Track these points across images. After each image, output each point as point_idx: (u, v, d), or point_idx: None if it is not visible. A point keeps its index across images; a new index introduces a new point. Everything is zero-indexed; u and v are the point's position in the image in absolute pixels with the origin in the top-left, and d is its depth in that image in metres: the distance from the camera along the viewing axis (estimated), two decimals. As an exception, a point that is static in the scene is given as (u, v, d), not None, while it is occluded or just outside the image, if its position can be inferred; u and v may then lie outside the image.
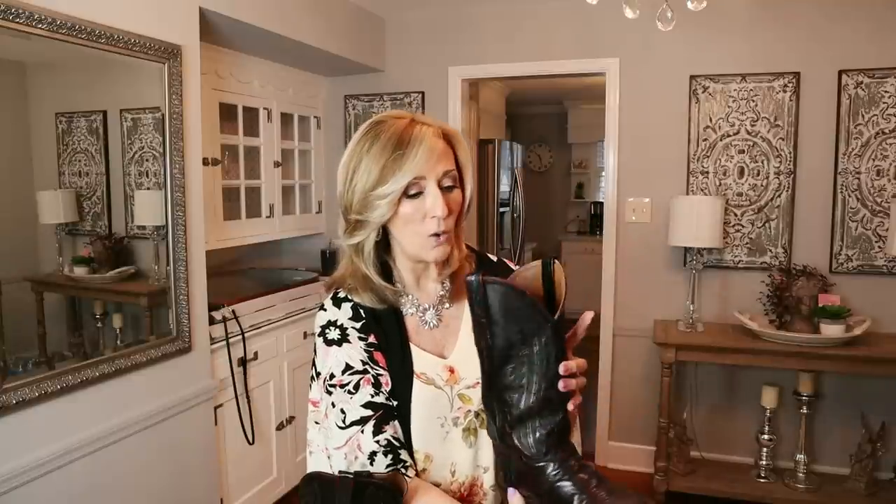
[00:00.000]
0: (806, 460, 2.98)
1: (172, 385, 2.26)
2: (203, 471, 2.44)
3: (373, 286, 1.05)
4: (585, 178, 7.35)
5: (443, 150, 1.01)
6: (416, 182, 0.98)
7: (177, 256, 2.26)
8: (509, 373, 0.84)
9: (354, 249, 1.05)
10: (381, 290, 1.05)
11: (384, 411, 0.99)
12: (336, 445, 0.99)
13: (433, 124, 1.03)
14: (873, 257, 3.02)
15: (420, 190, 0.99)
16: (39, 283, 1.99)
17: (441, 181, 1.00)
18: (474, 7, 3.48)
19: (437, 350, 1.07)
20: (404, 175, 0.97)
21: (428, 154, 0.98)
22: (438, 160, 0.99)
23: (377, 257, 1.05)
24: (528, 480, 0.84)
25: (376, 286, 1.05)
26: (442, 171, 1.00)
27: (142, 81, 2.15)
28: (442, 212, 0.98)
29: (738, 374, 3.26)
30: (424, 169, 0.98)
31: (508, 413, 0.85)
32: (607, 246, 3.43)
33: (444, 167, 1.00)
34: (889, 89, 2.94)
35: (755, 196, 3.17)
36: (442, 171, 1.00)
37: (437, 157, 0.99)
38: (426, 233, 1.00)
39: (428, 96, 3.65)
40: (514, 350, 0.82)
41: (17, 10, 1.66)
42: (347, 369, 1.01)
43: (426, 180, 0.99)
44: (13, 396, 1.69)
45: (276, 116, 3.36)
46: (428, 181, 0.99)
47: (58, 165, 1.99)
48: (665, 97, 3.26)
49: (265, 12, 2.65)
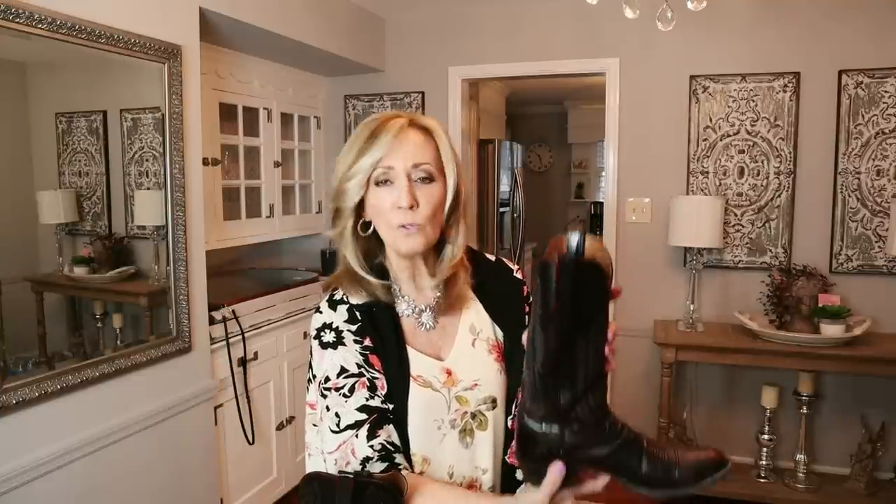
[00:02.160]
0: (806, 460, 2.97)
1: (172, 385, 2.26)
2: (203, 471, 2.44)
3: (359, 279, 1.05)
4: (585, 178, 7.35)
5: (419, 142, 1.02)
6: (385, 169, 1.00)
7: (177, 256, 2.26)
8: (579, 351, 0.84)
9: (340, 241, 1.07)
10: (368, 285, 1.05)
11: (379, 415, 0.98)
12: (329, 450, 0.98)
13: (417, 119, 1.05)
14: (873, 257, 3.02)
15: (388, 178, 1.01)
16: (39, 283, 1.99)
17: (411, 173, 1.00)
18: (474, 7, 3.48)
19: (433, 352, 1.07)
20: (369, 157, 1.00)
21: (394, 142, 1.00)
22: (409, 150, 1.01)
23: (364, 251, 1.07)
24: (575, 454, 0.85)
25: (362, 280, 1.05)
26: (412, 162, 1.01)
27: (142, 81, 2.15)
28: (406, 202, 0.99)
29: (738, 374, 3.26)
30: (391, 155, 1.00)
31: (572, 389, 0.85)
32: (607, 246, 3.42)
33: (415, 159, 1.01)
34: (889, 89, 2.94)
35: (755, 196, 3.17)
36: (412, 163, 1.00)
37: (408, 148, 1.01)
38: (395, 223, 1.01)
39: (428, 96, 3.65)
40: (586, 323, 0.83)
41: (17, 10, 1.65)
42: (342, 372, 1.01)
43: (394, 170, 1.00)
44: (13, 396, 1.69)
45: (276, 116, 3.36)
46: (397, 171, 1.00)
47: (58, 165, 1.99)
48: (665, 97, 3.26)
49: (265, 12, 2.65)
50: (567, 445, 0.85)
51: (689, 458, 0.82)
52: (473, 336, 1.10)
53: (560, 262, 0.79)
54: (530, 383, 0.87)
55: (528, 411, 0.88)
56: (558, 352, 0.83)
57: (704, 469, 0.82)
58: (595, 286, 0.81)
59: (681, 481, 0.81)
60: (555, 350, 0.83)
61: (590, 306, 0.82)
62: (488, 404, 1.07)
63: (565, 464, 0.84)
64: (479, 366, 1.08)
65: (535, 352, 0.85)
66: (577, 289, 0.80)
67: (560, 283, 0.80)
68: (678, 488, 0.82)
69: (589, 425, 0.85)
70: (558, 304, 0.81)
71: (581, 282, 0.80)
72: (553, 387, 0.85)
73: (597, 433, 0.85)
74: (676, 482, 0.82)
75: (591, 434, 0.85)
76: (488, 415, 1.06)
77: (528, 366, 0.87)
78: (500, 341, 1.11)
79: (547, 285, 0.80)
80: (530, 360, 0.86)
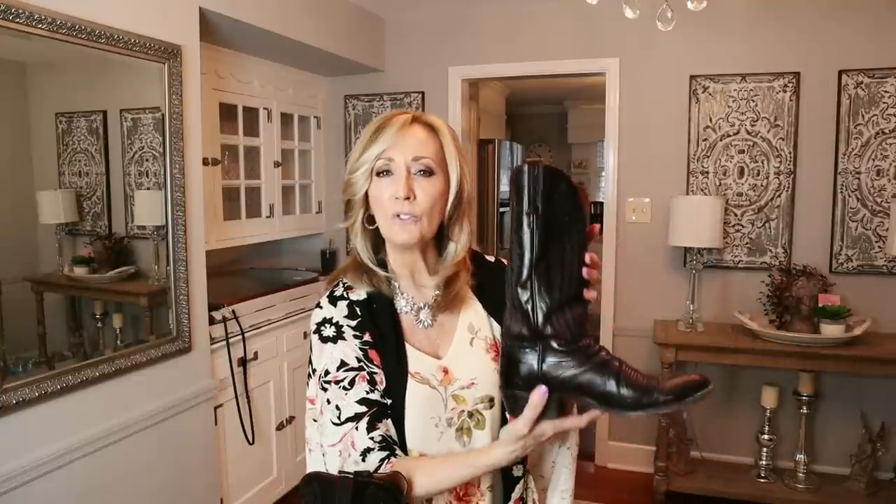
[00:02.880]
0: (806, 460, 2.98)
1: (172, 385, 2.26)
2: (203, 471, 2.44)
3: (366, 269, 1.08)
4: (585, 178, 7.34)
5: (422, 137, 1.04)
6: (386, 161, 1.03)
7: (177, 256, 2.26)
8: (553, 258, 0.88)
9: (352, 231, 1.10)
10: (373, 276, 1.08)
11: (378, 408, 0.99)
12: (331, 442, 0.99)
13: (423, 117, 1.07)
14: (873, 257, 3.02)
15: (388, 169, 1.03)
16: (39, 283, 1.99)
17: (411, 166, 1.03)
18: (474, 7, 3.48)
19: (431, 350, 1.08)
20: (374, 150, 1.03)
21: (397, 135, 1.03)
22: (411, 144, 1.03)
23: (372, 245, 1.10)
24: (553, 375, 0.87)
25: (368, 270, 1.08)
26: (412, 155, 1.03)
27: (142, 81, 2.15)
28: (403, 192, 1.01)
29: (738, 374, 3.26)
30: (393, 148, 1.02)
31: (548, 299, 0.88)
32: (607, 246, 3.43)
33: (416, 152, 1.03)
34: (889, 89, 2.94)
35: (755, 196, 3.17)
36: (412, 156, 1.03)
37: (410, 141, 1.03)
38: (390, 213, 1.03)
39: (428, 96, 3.65)
40: (557, 235, 0.88)
41: (17, 10, 1.65)
42: (342, 366, 1.01)
43: (394, 162, 1.03)
44: (13, 396, 1.69)
45: (276, 116, 3.36)
46: (397, 163, 1.03)
47: (58, 165, 1.99)
48: (665, 97, 3.26)
49: (265, 12, 2.65)
50: (545, 366, 0.87)
51: (671, 382, 0.83)
52: (472, 335, 1.11)
53: (531, 165, 0.87)
54: (509, 300, 0.90)
55: (507, 331, 0.91)
56: (534, 260, 0.87)
57: (686, 389, 0.82)
58: (566, 196, 0.87)
59: (661, 401, 0.82)
60: (529, 256, 0.87)
61: (562, 215, 0.87)
62: (485, 403, 1.07)
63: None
64: (477, 365, 1.08)
65: (513, 264, 0.89)
66: (547, 194, 0.86)
67: (531, 185, 0.86)
68: (659, 407, 0.82)
69: (565, 341, 0.87)
70: (531, 205, 0.86)
71: (552, 187, 0.86)
72: (529, 299, 0.88)
73: (573, 350, 0.87)
74: (657, 402, 0.82)
75: (568, 351, 0.87)
76: (486, 414, 1.07)
77: (507, 284, 0.90)
78: (498, 341, 1.12)
79: (520, 188, 0.87)
80: (509, 276, 0.90)
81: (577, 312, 0.89)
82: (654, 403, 0.82)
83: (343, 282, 1.10)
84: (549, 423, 0.89)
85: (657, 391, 0.82)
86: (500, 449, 0.92)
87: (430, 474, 0.93)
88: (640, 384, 0.83)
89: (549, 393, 0.87)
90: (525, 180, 0.87)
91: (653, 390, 0.82)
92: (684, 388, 0.82)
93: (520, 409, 0.88)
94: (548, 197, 0.86)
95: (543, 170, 0.87)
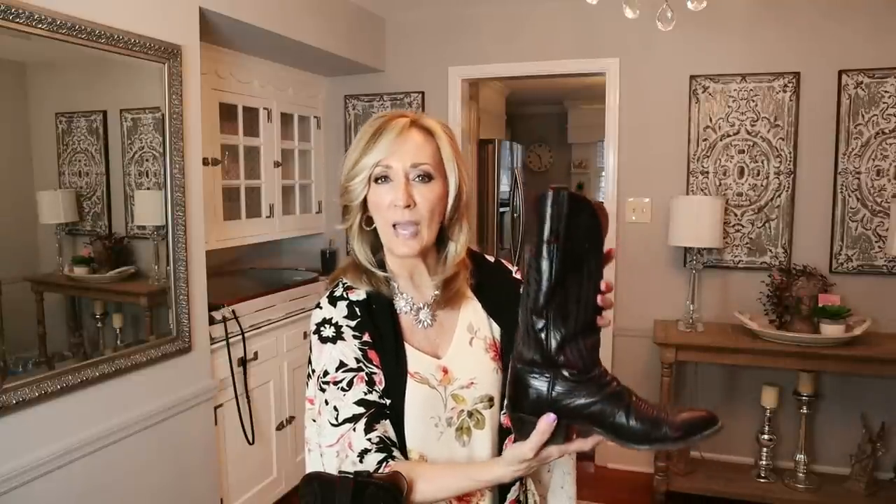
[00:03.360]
0: (806, 460, 2.98)
1: (172, 385, 2.26)
2: (203, 471, 2.44)
3: (364, 270, 1.08)
4: (585, 178, 7.34)
5: (419, 142, 1.03)
6: (384, 167, 1.02)
7: (177, 256, 2.26)
8: (571, 287, 0.86)
9: (350, 234, 1.10)
10: (372, 276, 1.08)
11: (376, 409, 0.99)
12: (328, 443, 0.99)
13: (420, 120, 1.06)
14: (873, 257, 3.02)
15: (386, 175, 1.02)
16: (39, 283, 1.99)
17: (409, 172, 1.02)
18: (474, 7, 3.48)
19: (431, 350, 1.08)
20: (372, 157, 1.01)
21: (394, 142, 1.01)
22: (409, 150, 1.02)
23: (370, 245, 1.10)
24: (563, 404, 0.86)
25: (367, 271, 1.08)
26: (410, 161, 1.02)
27: (142, 81, 2.15)
28: (402, 201, 1.00)
29: (738, 374, 3.26)
30: (390, 155, 1.01)
31: (563, 329, 0.86)
32: (607, 246, 3.42)
33: (414, 158, 1.02)
34: (889, 89, 2.94)
35: (755, 196, 3.17)
36: (410, 162, 1.02)
37: (408, 147, 1.02)
38: (390, 221, 1.03)
39: (428, 96, 3.65)
40: (576, 265, 0.86)
41: (17, 10, 1.65)
42: (341, 366, 1.02)
43: (393, 169, 1.02)
44: (13, 396, 1.69)
45: (276, 116, 3.36)
46: (395, 170, 1.02)
47: (58, 165, 1.99)
48: (665, 97, 3.26)
49: (265, 12, 2.65)
50: (555, 393, 0.86)
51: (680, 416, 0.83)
52: (471, 335, 1.11)
53: (555, 192, 0.84)
54: (523, 325, 0.89)
55: (518, 355, 0.90)
56: (550, 288, 0.86)
57: (694, 426, 0.82)
58: (588, 225, 0.85)
59: (669, 437, 0.82)
60: (547, 285, 0.85)
61: (582, 243, 0.85)
62: (485, 403, 1.07)
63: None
64: (476, 364, 1.08)
65: (529, 290, 0.87)
66: (570, 222, 0.84)
67: (554, 213, 0.84)
68: (666, 443, 0.82)
69: (577, 371, 0.86)
70: (552, 234, 0.84)
71: (574, 215, 0.84)
72: (544, 328, 0.87)
73: (584, 380, 0.86)
74: (665, 437, 0.82)
75: (579, 381, 0.86)
76: (485, 413, 1.07)
77: (522, 308, 0.89)
78: (497, 340, 1.12)
79: (542, 215, 0.85)
80: (524, 300, 0.88)
81: (590, 342, 0.87)
82: (663, 439, 0.82)
83: (343, 282, 1.10)
84: (556, 447, 0.88)
85: (666, 425, 0.82)
86: (504, 468, 0.91)
87: (431, 481, 0.93)
88: (649, 416, 0.83)
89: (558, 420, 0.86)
90: (548, 207, 0.84)
91: (662, 424, 0.82)
92: (693, 424, 0.82)
93: (526, 432, 0.87)
94: (569, 225, 0.84)
95: (567, 197, 0.84)
